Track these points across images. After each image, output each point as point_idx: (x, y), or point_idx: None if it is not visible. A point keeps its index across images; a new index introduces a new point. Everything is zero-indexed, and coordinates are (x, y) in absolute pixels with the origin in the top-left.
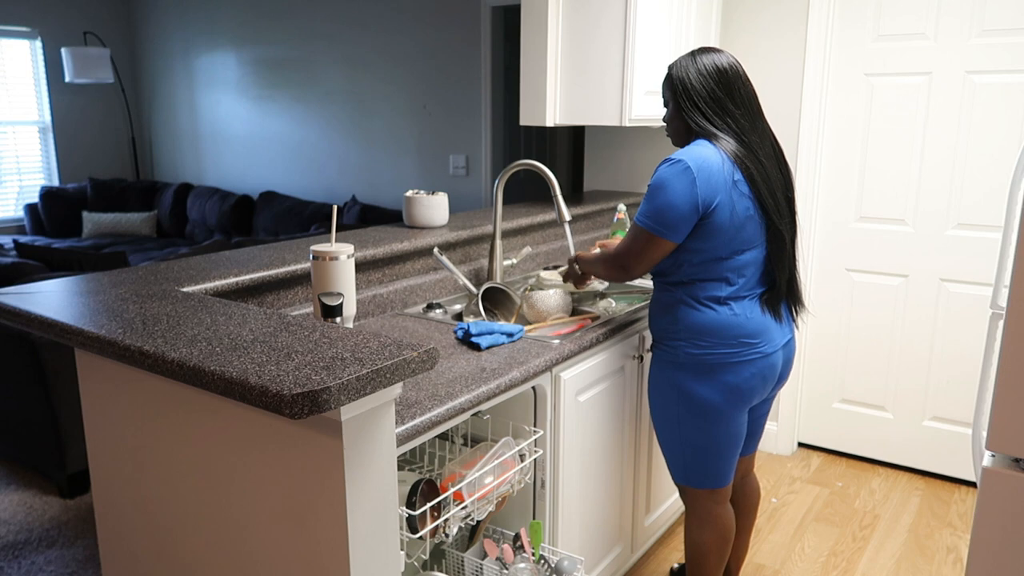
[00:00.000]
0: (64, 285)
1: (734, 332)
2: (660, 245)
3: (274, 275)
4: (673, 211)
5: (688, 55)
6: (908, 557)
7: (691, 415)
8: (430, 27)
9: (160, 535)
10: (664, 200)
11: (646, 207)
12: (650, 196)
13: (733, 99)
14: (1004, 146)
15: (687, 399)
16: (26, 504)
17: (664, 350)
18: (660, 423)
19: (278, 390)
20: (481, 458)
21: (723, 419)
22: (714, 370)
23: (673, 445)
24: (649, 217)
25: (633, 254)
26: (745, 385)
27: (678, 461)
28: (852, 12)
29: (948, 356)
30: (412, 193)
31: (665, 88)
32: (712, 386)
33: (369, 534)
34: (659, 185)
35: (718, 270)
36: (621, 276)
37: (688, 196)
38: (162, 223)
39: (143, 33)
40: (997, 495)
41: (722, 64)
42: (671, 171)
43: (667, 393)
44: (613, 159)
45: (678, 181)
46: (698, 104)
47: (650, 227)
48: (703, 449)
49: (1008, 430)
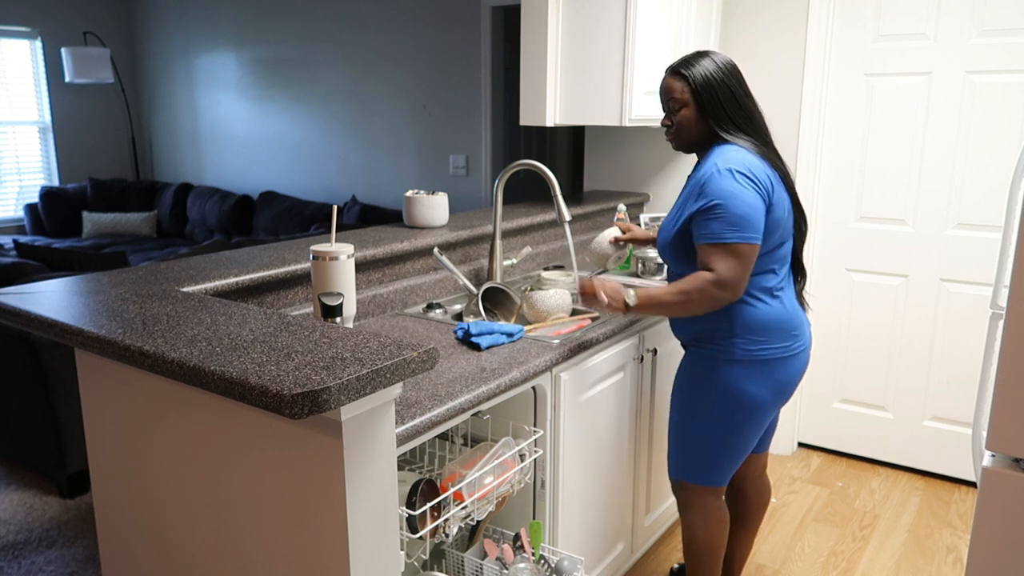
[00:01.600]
0: (64, 285)
1: (787, 326)
2: (754, 251)
3: (274, 275)
4: (754, 213)
5: (699, 56)
6: (908, 557)
7: (733, 413)
8: (430, 27)
9: (160, 535)
10: (739, 208)
11: (719, 223)
12: (720, 210)
13: (748, 98)
14: (1004, 146)
15: (735, 397)
16: (26, 504)
17: (713, 348)
18: (687, 419)
19: (278, 390)
20: (481, 458)
21: (764, 417)
22: (769, 366)
23: (695, 441)
24: (732, 229)
25: (736, 271)
26: (791, 381)
27: (692, 457)
28: (852, 12)
29: (948, 356)
30: (412, 193)
31: (677, 92)
32: (764, 383)
33: (369, 534)
34: (725, 197)
35: (767, 261)
36: (722, 301)
37: (756, 197)
38: (162, 223)
39: (143, 33)
40: (997, 495)
41: (732, 64)
42: (728, 182)
43: (711, 390)
44: (613, 159)
45: (740, 187)
46: (725, 107)
47: (740, 238)
48: (730, 447)
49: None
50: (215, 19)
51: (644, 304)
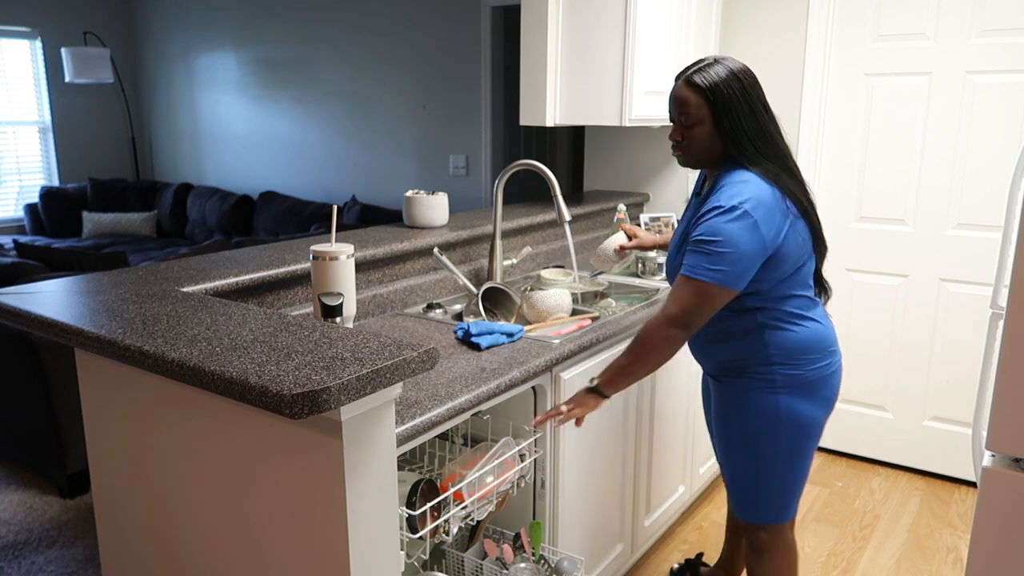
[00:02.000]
0: (64, 285)
1: (824, 343)
2: (726, 295)
3: (274, 275)
4: (741, 261)
5: (717, 65)
6: (908, 557)
7: (795, 440)
8: (430, 27)
9: (160, 535)
10: (730, 251)
11: (704, 259)
12: (708, 247)
13: (768, 112)
14: (1004, 146)
15: (793, 424)
16: (26, 504)
17: (751, 379)
18: (750, 459)
19: (278, 390)
20: (481, 458)
21: (820, 434)
22: (814, 385)
23: (765, 481)
24: (712, 269)
25: (697, 310)
26: (835, 396)
27: (766, 498)
28: (852, 12)
29: (948, 356)
30: (412, 193)
31: (692, 106)
32: (815, 402)
33: (369, 534)
34: (719, 237)
35: (790, 285)
36: (679, 340)
37: (754, 243)
38: (162, 223)
39: (143, 33)
40: (997, 495)
41: (751, 74)
42: (730, 223)
43: (767, 425)
44: (613, 159)
45: (740, 231)
46: (746, 129)
47: (716, 279)
48: (799, 475)
49: (1008, 430)
50: (215, 19)
51: (608, 379)
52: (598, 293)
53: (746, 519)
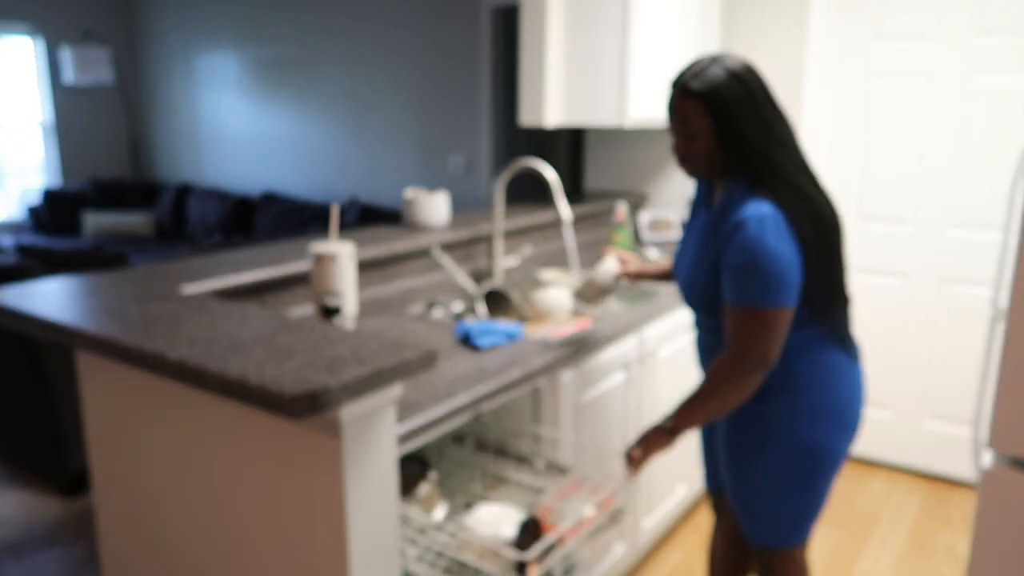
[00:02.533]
0: (64, 285)
1: (850, 363)
2: (789, 315)
3: (274, 275)
4: (791, 272)
5: (715, 65)
6: (908, 557)
7: (813, 466)
8: (430, 28)
9: (160, 535)
10: (775, 267)
11: (752, 284)
12: (752, 271)
13: (777, 112)
14: (1004, 146)
15: (811, 450)
16: (26, 504)
17: (773, 404)
18: (765, 487)
19: (278, 390)
20: (575, 486)
21: (842, 462)
22: (839, 411)
23: (782, 505)
24: (767, 293)
25: (770, 340)
26: (857, 422)
27: (783, 522)
28: (852, 12)
29: (948, 356)
30: (412, 193)
31: (690, 117)
32: (838, 430)
33: (369, 534)
34: (761, 254)
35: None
36: (761, 377)
37: (792, 250)
38: (162, 223)
39: (143, 33)
40: (997, 495)
41: (754, 71)
42: (763, 234)
43: (785, 450)
44: (613, 159)
45: (776, 239)
46: (751, 137)
47: (776, 301)
48: (817, 500)
49: (1008, 430)
50: (215, 19)
51: (679, 420)
52: None
53: (759, 542)
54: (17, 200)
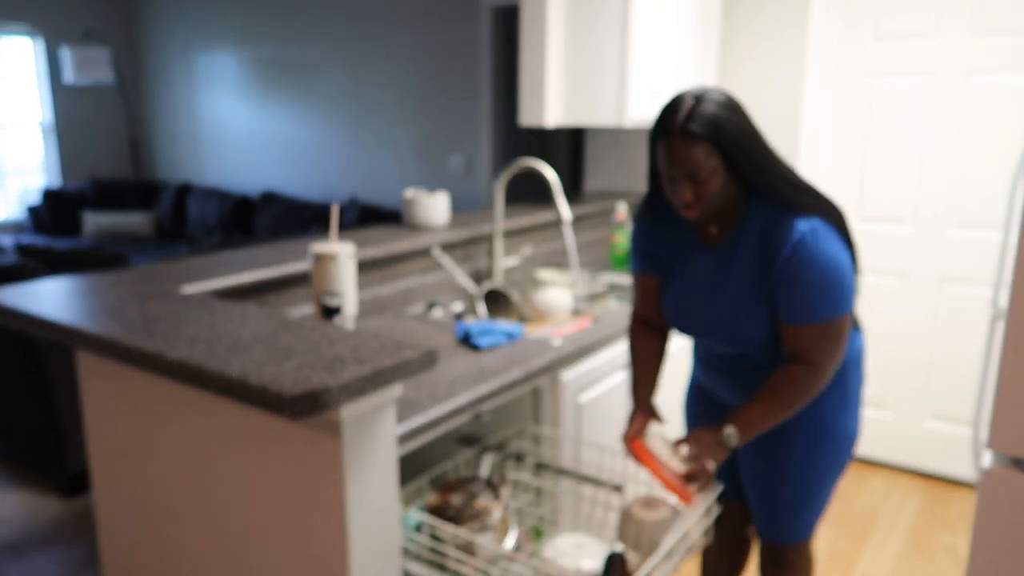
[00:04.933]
0: (64, 285)
1: (864, 355)
2: (848, 321)
3: (274, 275)
4: (852, 277)
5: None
6: (908, 557)
7: (844, 456)
8: (430, 28)
9: (160, 535)
10: (843, 277)
11: (827, 298)
12: (825, 285)
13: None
14: (1004, 146)
15: (845, 440)
16: (26, 504)
17: (818, 400)
18: (800, 483)
19: (278, 390)
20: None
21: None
22: (858, 396)
23: (811, 501)
24: (841, 303)
25: (844, 345)
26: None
27: (805, 517)
28: (852, 12)
29: (948, 356)
30: (412, 193)
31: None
32: (856, 416)
33: (369, 534)
34: (830, 268)
35: None
36: (827, 384)
37: (848, 256)
38: (162, 223)
39: (143, 33)
40: (997, 495)
41: (737, 101)
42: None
43: (832, 444)
44: (613, 159)
45: (836, 249)
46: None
47: (847, 309)
48: (834, 490)
49: (1008, 430)
50: (215, 19)
51: (745, 434)
52: (598, 293)
53: (774, 540)
54: (17, 200)
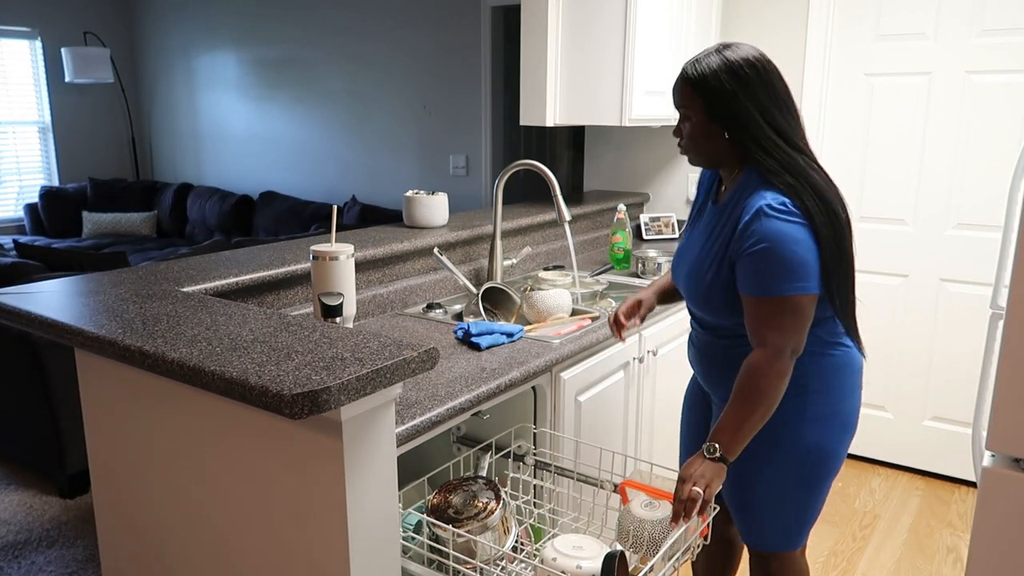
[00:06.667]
0: (64, 285)
1: (857, 364)
2: (814, 302)
3: (274, 275)
4: (810, 257)
5: (717, 52)
6: (908, 557)
7: (817, 470)
8: (430, 27)
9: (160, 535)
10: (794, 252)
11: (775, 272)
12: (772, 259)
13: (781, 107)
14: (1004, 146)
15: (816, 455)
16: (26, 504)
17: (780, 408)
18: (769, 492)
19: (278, 390)
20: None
21: (840, 465)
22: (844, 415)
23: (783, 510)
24: (790, 279)
25: (798, 328)
26: (855, 426)
27: (784, 527)
28: (852, 12)
29: (948, 356)
30: (412, 193)
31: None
32: (842, 436)
33: (369, 534)
34: (779, 241)
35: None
36: (790, 369)
37: (808, 236)
38: (162, 223)
39: (143, 33)
40: (997, 495)
41: (759, 62)
42: (779, 221)
43: (794, 459)
44: (613, 159)
45: (791, 226)
46: (747, 129)
47: (801, 289)
48: (816, 503)
49: (1008, 430)
50: (215, 19)
51: (731, 442)
52: (598, 293)
53: (760, 548)
54: (17, 200)
